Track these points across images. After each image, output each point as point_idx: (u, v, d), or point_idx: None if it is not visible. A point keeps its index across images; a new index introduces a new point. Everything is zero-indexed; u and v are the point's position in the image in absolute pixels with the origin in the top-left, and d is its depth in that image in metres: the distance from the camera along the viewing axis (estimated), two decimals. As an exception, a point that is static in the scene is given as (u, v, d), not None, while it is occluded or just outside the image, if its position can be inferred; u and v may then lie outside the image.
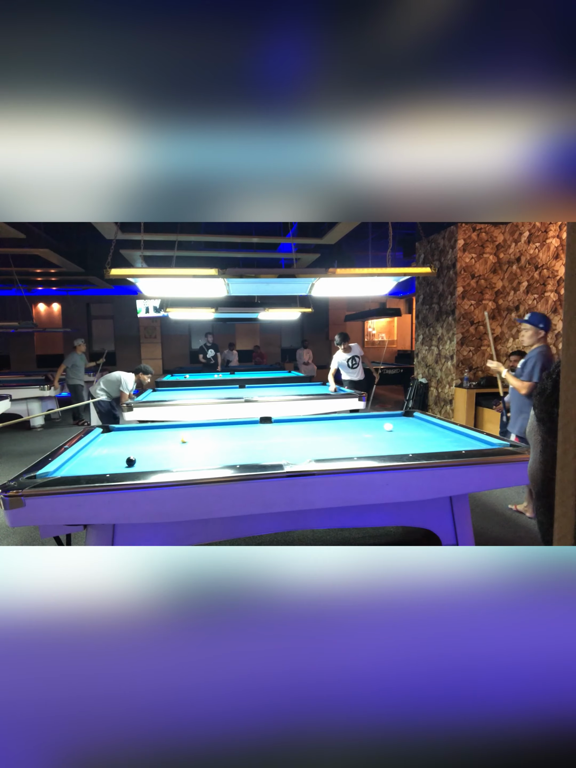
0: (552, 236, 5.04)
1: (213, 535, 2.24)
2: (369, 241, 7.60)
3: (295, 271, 3.59)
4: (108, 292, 12.37)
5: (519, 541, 2.95)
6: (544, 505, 0.44)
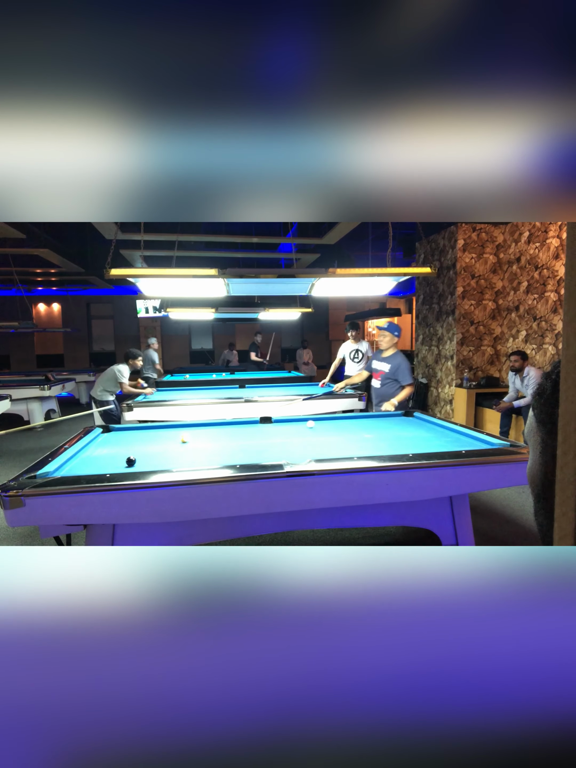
0: (552, 236, 5.04)
1: (213, 535, 2.24)
2: (369, 241, 7.60)
3: (295, 271, 3.59)
4: (108, 292, 12.37)
5: (519, 541, 2.95)
6: (544, 507, 0.44)
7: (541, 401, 0.43)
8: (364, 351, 5.58)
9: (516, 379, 4.72)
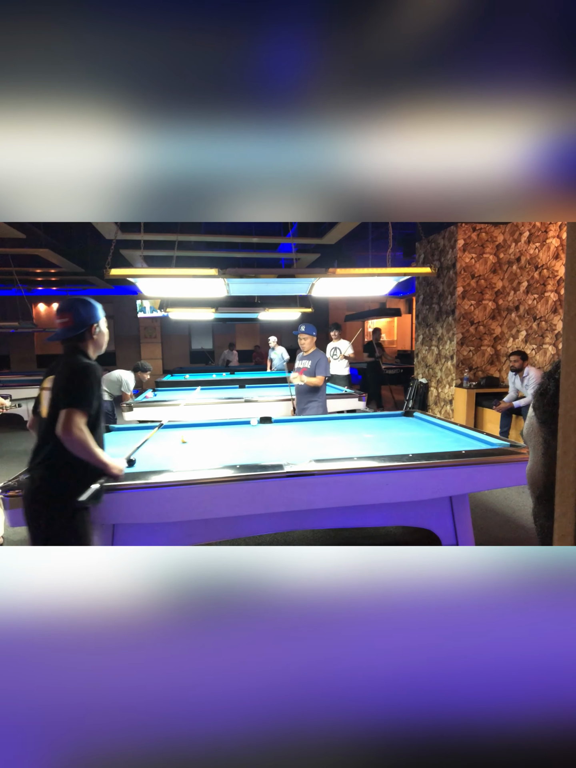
0: (552, 236, 5.04)
1: (213, 535, 2.24)
2: (369, 241, 7.59)
3: (295, 271, 3.59)
4: (108, 292, 12.36)
5: (519, 541, 2.95)
6: (546, 509, 0.43)
7: (544, 401, 0.42)
8: (342, 350, 5.89)
9: (516, 379, 4.72)
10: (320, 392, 3.88)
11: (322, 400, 3.92)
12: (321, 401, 3.90)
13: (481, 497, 3.76)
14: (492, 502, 3.66)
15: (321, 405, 3.89)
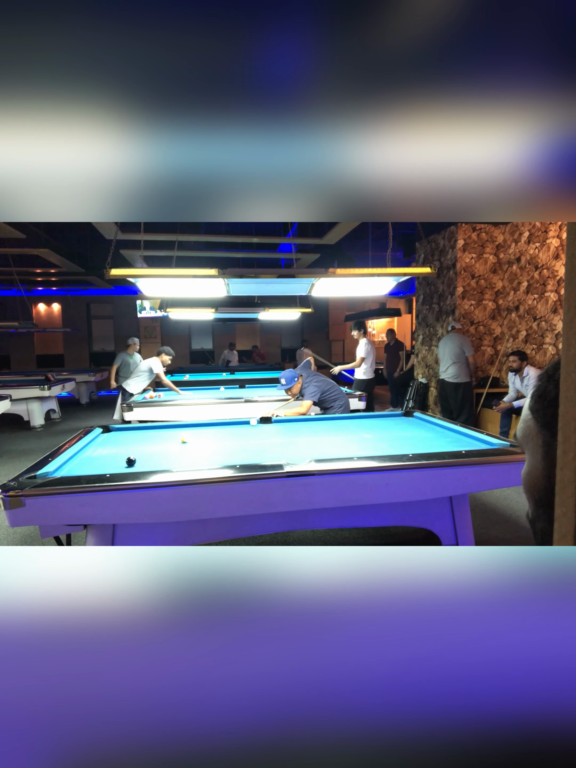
0: (552, 236, 5.04)
1: (213, 535, 2.24)
2: (369, 241, 7.60)
3: (295, 271, 3.59)
4: (108, 292, 12.36)
5: (519, 541, 2.95)
6: (546, 512, 0.42)
7: (544, 404, 0.41)
8: (363, 353, 5.69)
9: (516, 380, 4.72)
10: (329, 405, 3.78)
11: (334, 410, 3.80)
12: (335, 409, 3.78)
13: (481, 497, 3.76)
14: (492, 502, 3.66)
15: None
